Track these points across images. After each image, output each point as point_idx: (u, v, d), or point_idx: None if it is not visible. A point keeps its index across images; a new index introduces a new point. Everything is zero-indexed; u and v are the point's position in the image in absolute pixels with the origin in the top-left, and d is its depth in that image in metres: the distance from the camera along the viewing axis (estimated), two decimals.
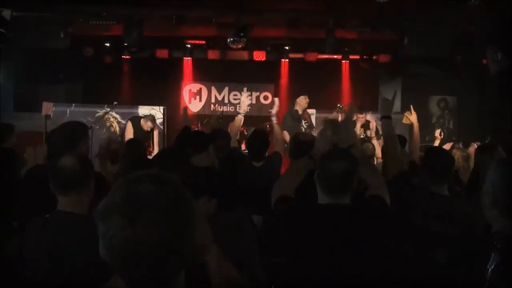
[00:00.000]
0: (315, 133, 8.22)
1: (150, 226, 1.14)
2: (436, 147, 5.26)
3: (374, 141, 7.24)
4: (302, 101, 8.46)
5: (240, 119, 5.63)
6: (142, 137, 7.85)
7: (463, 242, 2.77)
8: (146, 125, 8.13)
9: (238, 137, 6.36)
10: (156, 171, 1.26)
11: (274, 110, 5.69)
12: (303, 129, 8.37)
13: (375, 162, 6.63)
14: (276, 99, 5.87)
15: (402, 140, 3.92)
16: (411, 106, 5.79)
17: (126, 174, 1.27)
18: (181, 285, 1.25)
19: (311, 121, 9.09)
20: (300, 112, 8.44)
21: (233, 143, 5.21)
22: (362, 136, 8.67)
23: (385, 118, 3.67)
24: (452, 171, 3.21)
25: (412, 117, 5.55)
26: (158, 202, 1.17)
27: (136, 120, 8.20)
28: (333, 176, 2.55)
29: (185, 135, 4.50)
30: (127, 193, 1.18)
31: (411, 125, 9.45)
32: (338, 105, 8.84)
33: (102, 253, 1.18)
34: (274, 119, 5.77)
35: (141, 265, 1.15)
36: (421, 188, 3.23)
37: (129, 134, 8.02)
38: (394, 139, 3.64)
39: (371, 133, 8.30)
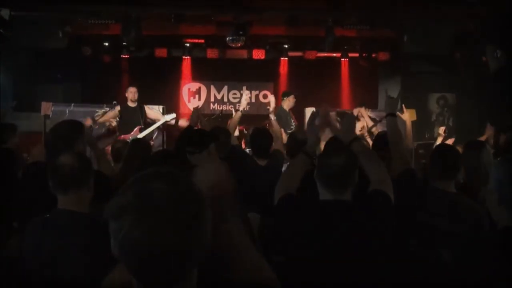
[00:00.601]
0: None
1: (162, 226, 1.14)
2: (443, 144, 5.26)
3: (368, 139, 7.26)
4: (290, 100, 8.45)
5: (238, 115, 5.67)
6: (131, 116, 8.15)
7: (469, 240, 2.76)
8: (129, 91, 8.30)
9: (237, 134, 6.35)
10: (167, 169, 1.25)
11: (271, 108, 5.71)
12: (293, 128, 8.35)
13: None
14: (272, 97, 5.87)
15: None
16: (403, 106, 5.81)
17: (129, 173, 1.26)
18: (193, 285, 1.25)
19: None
20: (286, 110, 8.43)
21: (233, 141, 5.21)
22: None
23: (390, 116, 3.67)
24: (459, 168, 3.19)
25: (404, 116, 5.57)
26: (170, 201, 1.16)
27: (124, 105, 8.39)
28: (332, 172, 2.55)
29: (186, 134, 4.48)
30: (138, 192, 1.18)
31: (411, 122, 9.46)
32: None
33: (115, 251, 1.18)
34: (272, 117, 5.79)
35: (153, 264, 1.15)
36: (427, 185, 3.22)
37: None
38: (399, 137, 3.64)
39: (366, 128, 8.34)
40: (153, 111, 8.74)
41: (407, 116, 5.55)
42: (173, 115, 8.59)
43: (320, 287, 2.44)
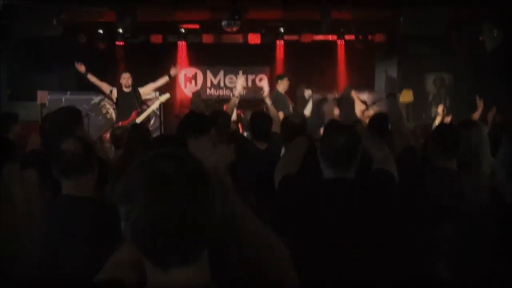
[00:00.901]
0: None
1: (173, 204, 1.16)
2: (444, 123, 5.30)
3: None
4: (285, 83, 8.46)
5: (234, 101, 5.70)
6: (127, 101, 8.34)
7: (472, 216, 2.78)
8: (122, 77, 8.49)
9: (235, 118, 6.35)
10: (174, 150, 1.28)
11: (265, 93, 5.74)
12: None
13: None
14: (265, 82, 5.89)
15: (385, 120, 3.93)
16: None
17: (130, 159, 1.27)
18: (206, 266, 1.26)
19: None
20: (282, 93, 8.44)
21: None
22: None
23: (390, 97, 3.70)
24: (460, 146, 3.20)
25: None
26: (179, 179, 1.18)
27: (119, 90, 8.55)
28: (336, 149, 2.55)
29: (187, 119, 4.45)
30: (148, 172, 1.20)
31: (408, 104, 9.52)
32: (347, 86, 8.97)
33: (127, 234, 1.20)
34: (268, 101, 5.81)
35: (165, 244, 1.17)
36: (429, 163, 3.23)
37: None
38: (399, 116, 3.67)
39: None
40: (146, 87, 8.80)
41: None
42: (167, 95, 8.67)
43: (323, 265, 2.45)
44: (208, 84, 11.85)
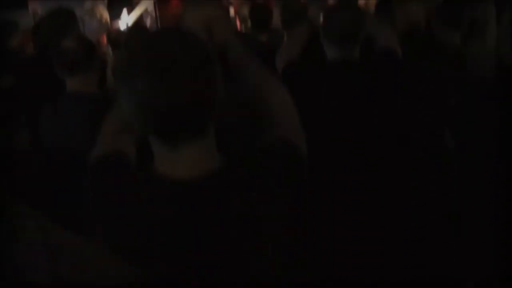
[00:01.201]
0: None
1: (176, 80, 1.14)
2: None
3: None
4: None
5: None
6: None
7: (477, 88, 2.77)
8: None
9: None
10: (172, 28, 1.26)
11: None
12: None
13: None
14: None
15: None
16: None
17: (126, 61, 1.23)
18: (212, 139, 1.28)
19: None
20: None
21: None
22: None
23: None
24: (464, 18, 3.12)
25: None
26: (183, 56, 1.16)
27: None
28: (340, 26, 2.47)
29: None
30: (151, 51, 1.17)
31: None
32: None
33: (131, 115, 1.19)
34: None
35: (172, 120, 1.17)
36: (432, 38, 3.17)
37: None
38: None
39: None
40: None
41: None
42: None
43: (327, 152, 2.45)
44: None
